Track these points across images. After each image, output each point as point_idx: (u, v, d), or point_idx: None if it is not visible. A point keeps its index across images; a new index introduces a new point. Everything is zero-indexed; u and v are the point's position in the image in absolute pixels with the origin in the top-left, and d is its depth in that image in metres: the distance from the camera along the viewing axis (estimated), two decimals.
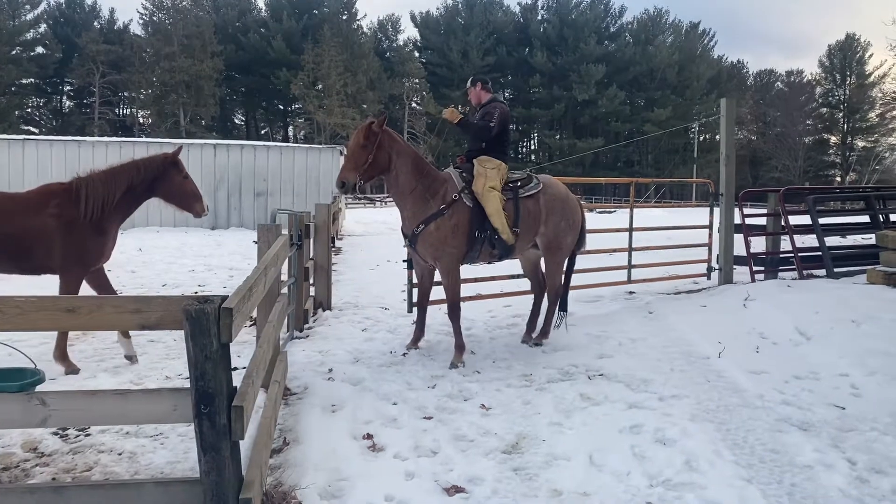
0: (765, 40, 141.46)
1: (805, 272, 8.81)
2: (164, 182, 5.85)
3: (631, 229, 9.41)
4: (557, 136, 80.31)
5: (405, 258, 6.88)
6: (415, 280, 6.68)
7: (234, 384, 2.90)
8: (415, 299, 6.67)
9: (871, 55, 75.87)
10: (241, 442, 3.02)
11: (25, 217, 5.33)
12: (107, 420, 3.07)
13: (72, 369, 5.47)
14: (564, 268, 6.60)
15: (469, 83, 6.61)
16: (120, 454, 3.90)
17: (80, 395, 2.88)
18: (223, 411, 2.71)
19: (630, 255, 9.41)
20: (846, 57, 76.24)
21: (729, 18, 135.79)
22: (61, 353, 5.50)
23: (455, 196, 5.84)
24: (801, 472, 3.61)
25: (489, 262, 6.40)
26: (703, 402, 4.70)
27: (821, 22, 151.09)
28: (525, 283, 7.38)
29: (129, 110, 69.63)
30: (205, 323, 2.65)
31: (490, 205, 5.84)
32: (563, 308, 6.65)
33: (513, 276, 7.81)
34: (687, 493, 3.36)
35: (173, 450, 3.94)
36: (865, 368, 5.19)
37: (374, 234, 20.38)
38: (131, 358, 5.80)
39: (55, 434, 4.09)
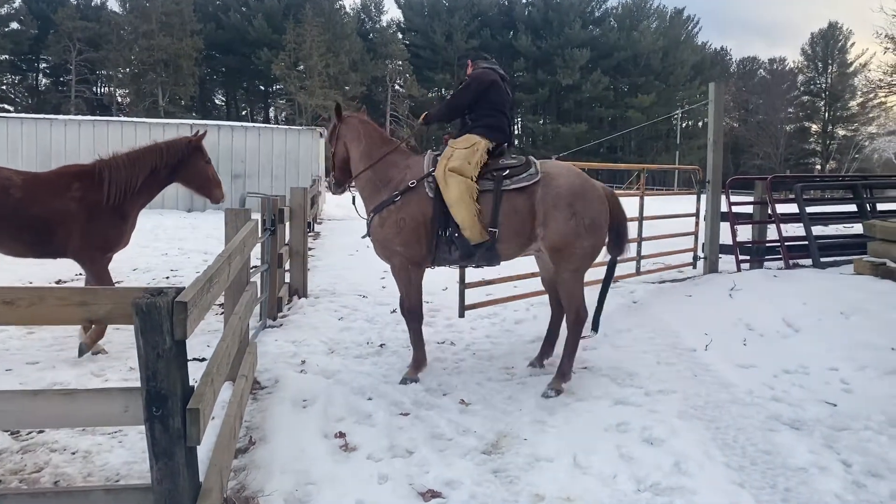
0: (748, 27, 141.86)
1: (791, 262, 8.68)
2: (187, 166, 5.74)
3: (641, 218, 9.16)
4: (541, 121, 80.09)
5: None
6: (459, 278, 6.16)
7: (194, 382, 2.68)
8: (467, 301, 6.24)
9: (853, 44, 76.15)
10: (202, 443, 2.80)
11: (47, 199, 5.15)
12: (50, 423, 2.83)
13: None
14: (582, 283, 5.07)
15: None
16: (74, 453, 3.64)
17: (21, 396, 2.62)
18: (177, 414, 2.48)
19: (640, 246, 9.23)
20: (828, 45, 76.48)
21: (713, 4, 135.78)
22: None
23: (412, 183, 4.92)
24: (794, 475, 3.44)
25: (475, 267, 5.31)
26: (691, 398, 4.52)
27: (803, 9, 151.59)
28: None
29: (106, 89, 68.32)
30: (157, 318, 2.41)
31: (450, 192, 4.75)
32: (595, 328, 5.45)
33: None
34: (677, 500, 3.18)
35: (132, 449, 3.69)
36: (855, 362, 5.04)
37: (355, 219, 19.98)
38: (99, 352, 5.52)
39: (5, 431, 3.83)
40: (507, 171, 4.94)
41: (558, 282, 5.04)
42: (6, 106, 62.98)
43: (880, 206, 10.28)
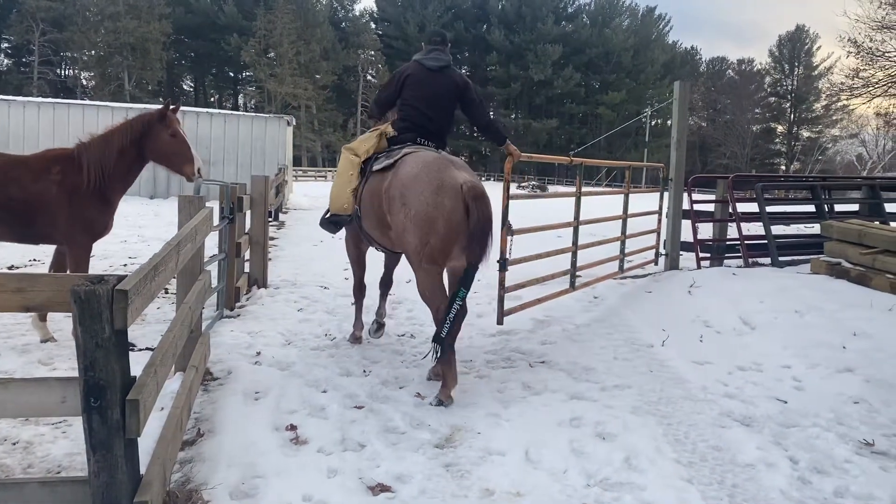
0: (717, 28, 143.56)
1: (750, 260, 8.79)
2: (150, 140, 5.30)
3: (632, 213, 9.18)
4: (513, 116, 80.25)
5: None
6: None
7: (135, 374, 2.61)
8: (505, 306, 5.86)
9: (818, 47, 77.65)
10: (146, 434, 2.73)
11: (26, 182, 4.98)
12: None
13: None
14: (434, 282, 4.51)
15: None
16: (14, 444, 3.54)
17: None
18: (116, 405, 2.41)
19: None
20: (795, 48, 77.86)
21: (684, 4, 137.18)
22: None
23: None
24: (742, 471, 3.48)
25: (380, 251, 5.41)
26: (646, 394, 4.55)
27: (772, 12, 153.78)
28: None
29: (70, 71, 66.88)
30: (96, 306, 2.34)
31: (338, 166, 5.23)
32: (436, 340, 4.37)
33: None
34: (625, 495, 3.18)
35: (76, 440, 3.58)
36: (808, 360, 5.11)
37: (320, 209, 19.85)
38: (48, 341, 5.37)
39: None
40: (384, 155, 4.96)
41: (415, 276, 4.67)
42: None
43: (838, 207, 10.47)
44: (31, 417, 3.63)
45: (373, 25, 78.86)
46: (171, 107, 5.45)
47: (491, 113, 77.71)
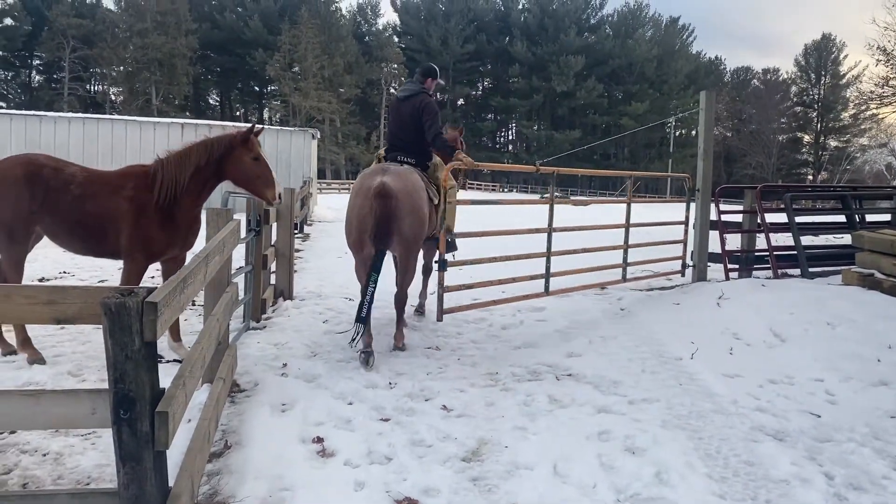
0: (739, 38, 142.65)
1: (780, 271, 8.66)
2: (232, 162, 5.30)
3: (633, 221, 9.17)
4: (535, 127, 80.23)
5: None
6: None
7: (164, 385, 2.62)
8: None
9: (846, 55, 76.74)
10: (174, 446, 2.73)
11: (102, 198, 5.07)
12: (12, 424, 2.76)
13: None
14: (357, 267, 5.82)
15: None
16: (45, 455, 3.57)
17: None
18: (145, 417, 2.41)
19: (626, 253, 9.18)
20: (821, 57, 76.99)
21: (707, 14, 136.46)
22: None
23: None
24: (776, 487, 3.40)
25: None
26: (675, 407, 4.48)
27: (795, 21, 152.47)
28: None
29: (100, 87, 68.11)
30: (126, 318, 2.35)
31: None
32: (359, 320, 5.28)
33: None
34: None
35: (104, 451, 3.60)
36: (841, 373, 5.01)
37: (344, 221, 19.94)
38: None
39: None
40: None
41: None
42: None
43: (869, 217, 10.29)
44: (64, 429, 3.66)
45: (396, 39, 79.44)
46: (255, 130, 5.45)
47: (513, 125, 77.73)
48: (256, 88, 77.63)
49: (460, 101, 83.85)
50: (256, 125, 5.54)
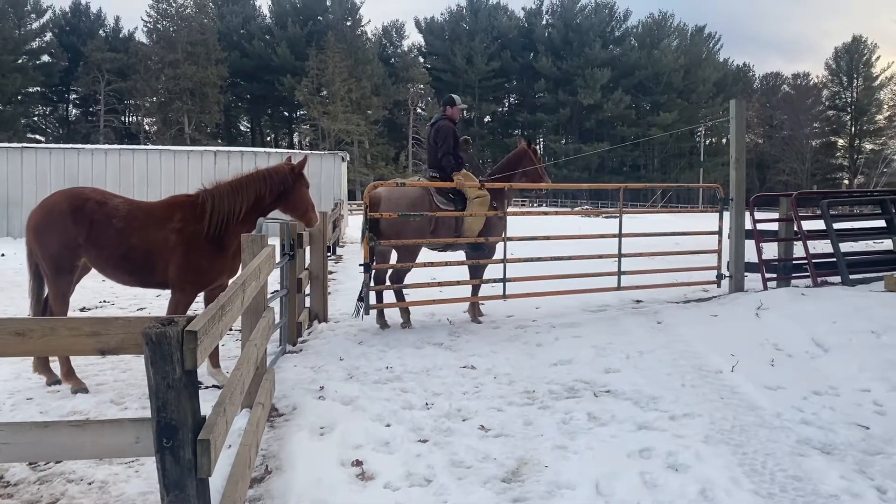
0: (767, 44, 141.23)
1: (819, 279, 8.50)
2: (292, 193, 5.66)
3: (624, 232, 9.08)
4: (563, 141, 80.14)
5: None
6: None
7: (205, 413, 2.64)
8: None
9: (878, 57, 75.47)
10: (216, 472, 2.75)
11: (148, 231, 5.18)
12: (60, 454, 2.81)
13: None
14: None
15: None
16: (90, 483, 3.62)
17: (30, 428, 2.60)
18: (188, 445, 2.44)
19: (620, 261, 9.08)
20: (853, 59, 75.83)
21: (734, 21, 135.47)
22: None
23: None
24: (826, 502, 3.31)
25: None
26: (718, 422, 4.40)
27: (819, 26, 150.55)
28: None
29: (134, 118, 69.73)
30: (167, 347, 2.38)
31: None
32: (360, 299, 7.17)
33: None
34: None
35: (147, 479, 3.65)
36: (888, 383, 4.89)
37: None
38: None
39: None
40: None
41: None
42: (38, 136, 64.66)
43: None
44: (108, 458, 3.71)
45: (421, 60, 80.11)
46: (302, 160, 5.84)
47: (540, 139, 77.66)
48: (286, 114, 78.80)
49: (487, 118, 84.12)
50: (305, 156, 5.79)
